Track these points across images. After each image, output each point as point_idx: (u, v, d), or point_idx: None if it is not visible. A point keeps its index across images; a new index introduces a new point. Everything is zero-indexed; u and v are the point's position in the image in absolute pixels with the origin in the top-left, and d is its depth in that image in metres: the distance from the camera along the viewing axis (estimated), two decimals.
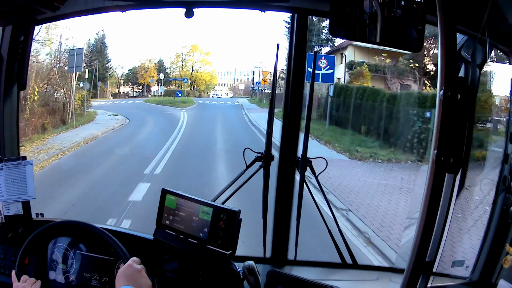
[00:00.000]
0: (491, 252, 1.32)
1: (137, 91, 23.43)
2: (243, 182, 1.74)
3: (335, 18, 1.00)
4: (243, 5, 1.65)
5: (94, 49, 20.16)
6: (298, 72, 1.64)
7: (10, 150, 1.65)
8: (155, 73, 23.69)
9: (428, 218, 0.99)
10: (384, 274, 1.65)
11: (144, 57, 26.04)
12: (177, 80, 23.08)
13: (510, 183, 1.24)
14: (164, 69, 24.11)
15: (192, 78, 24.67)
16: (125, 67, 23.87)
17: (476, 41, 1.29)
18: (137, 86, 23.54)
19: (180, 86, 23.94)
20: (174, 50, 28.46)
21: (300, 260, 1.76)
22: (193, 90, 25.01)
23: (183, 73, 24.28)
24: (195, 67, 25.05)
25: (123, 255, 1.22)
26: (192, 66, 24.89)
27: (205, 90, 25.87)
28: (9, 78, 1.59)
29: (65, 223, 1.35)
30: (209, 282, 1.31)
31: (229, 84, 27.52)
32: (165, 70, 24.13)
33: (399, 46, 1.04)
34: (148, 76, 23.26)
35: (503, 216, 1.28)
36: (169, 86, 24.31)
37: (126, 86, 23.45)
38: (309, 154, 1.69)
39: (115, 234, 1.29)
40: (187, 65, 24.81)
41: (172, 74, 24.30)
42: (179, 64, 24.48)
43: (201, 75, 25.06)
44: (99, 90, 20.66)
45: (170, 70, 24.53)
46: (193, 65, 24.88)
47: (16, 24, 1.54)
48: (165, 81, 23.89)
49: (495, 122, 4.69)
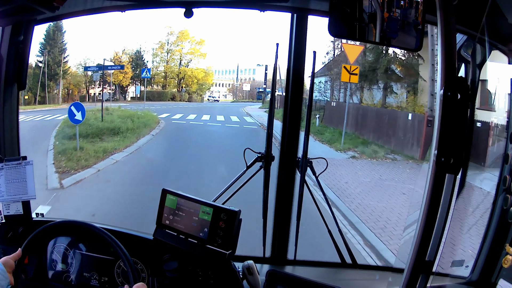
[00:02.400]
0: (491, 252, 1.32)
1: (110, 93, 16.98)
2: (243, 182, 1.74)
3: (335, 18, 1.00)
4: (243, 5, 1.65)
5: (45, 35, 15.05)
6: (298, 72, 1.64)
7: (10, 150, 1.65)
8: (129, 68, 17.51)
9: (428, 218, 0.99)
10: (384, 274, 1.65)
11: (119, 48, 18.80)
12: (114, 68, 16.00)
13: (510, 184, 1.24)
14: (143, 63, 17.90)
15: (180, 76, 18.18)
16: (96, 61, 17.11)
17: (475, 41, 1.29)
18: (110, 86, 17.20)
19: (166, 85, 18.17)
20: (158, 37, 19.91)
21: (300, 260, 1.76)
22: (180, 91, 18.41)
23: (169, 69, 17.98)
24: (184, 60, 18.26)
25: (132, 278, 1.19)
26: (180, 59, 18.14)
27: (198, 91, 19.12)
28: (8, 78, 1.59)
29: (64, 223, 1.35)
30: (209, 282, 1.31)
31: (228, 84, 21.19)
32: (145, 65, 17.88)
33: (398, 45, 1.04)
34: (119, 72, 17.00)
35: (503, 216, 1.28)
36: (150, 86, 18.39)
37: (94, 88, 17.14)
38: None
39: (115, 234, 1.29)
40: (174, 58, 18.10)
41: (155, 71, 18.20)
42: (164, 56, 18.09)
43: (192, 72, 18.30)
44: (48, 94, 15.53)
45: (153, 65, 18.21)
46: (182, 58, 18.16)
47: (16, 24, 1.54)
48: (141, 79, 17.65)
49: (495, 122, 4.69)
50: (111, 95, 16.44)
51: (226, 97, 20.89)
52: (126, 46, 18.27)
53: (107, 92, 16.29)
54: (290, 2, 1.52)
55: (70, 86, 16.56)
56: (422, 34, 1.00)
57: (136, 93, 17.68)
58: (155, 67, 18.21)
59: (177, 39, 17.85)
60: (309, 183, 1.74)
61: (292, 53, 1.63)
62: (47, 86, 15.31)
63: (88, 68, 16.00)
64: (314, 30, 1.29)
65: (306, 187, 1.71)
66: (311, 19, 1.61)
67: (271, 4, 1.55)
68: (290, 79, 1.65)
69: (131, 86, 17.91)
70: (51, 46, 15.20)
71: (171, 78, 18.37)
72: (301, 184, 1.70)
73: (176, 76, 18.18)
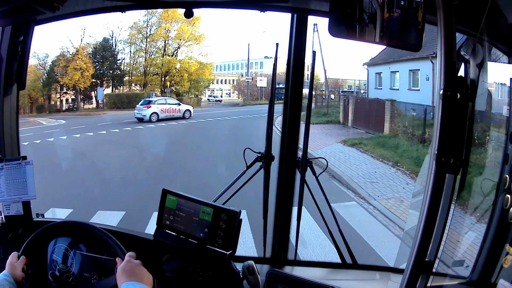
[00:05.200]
0: (491, 252, 1.32)
1: (69, 99, 12.00)
2: (243, 182, 1.74)
3: (335, 18, 1.00)
4: (243, 5, 1.65)
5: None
6: (298, 72, 1.64)
7: (10, 150, 1.65)
8: (90, 64, 11.75)
9: (428, 218, 0.99)
10: (384, 274, 1.65)
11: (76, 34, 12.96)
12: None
13: (510, 184, 1.24)
14: (113, 55, 12.37)
15: (163, 69, 12.17)
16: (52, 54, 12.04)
17: (476, 41, 1.29)
18: (65, 90, 11.77)
19: (144, 85, 12.69)
20: (134, 17, 13.49)
21: (300, 260, 1.76)
22: (164, 91, 12.52)
23: (150, 62, 12.31)
24: (170, 47, 12.36)
25: (120, 252, 1.22)
26: (165, 47, 12.31)
27: (191, 90, 13.23)
28: (8, 78, 1.59)
29: (65, 223, 1.35)
30: (209, 282, 1.31)
31: (233, 80, 16.17)
32: (114, 57, 12.29)
33: (398, 45, 1.04)
34: (72, 69, 11.10)
35: (503, 216, 1.28)
36: (121, 86, 12.67)
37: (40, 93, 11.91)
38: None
39: (115, 234, 1.29)
40: (156, 45, 12.06)
41: (132, 66, 12.42)
42: (143, 44, 11.96)
43: (183, 64, 12.46)
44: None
45: (130, 57, 12.35)
46: (167, 44, 12.26)
47: (15, 24, 1.54)
48: (114, 77, 11.98)
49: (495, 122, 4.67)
50: (74, 101, 12.15)
51: (230, 96, 15.96)
52: (88, 31, 12.36)
53: (63, 98, 12.09)
54: (290, 2, 1.52)
55: (31, 92, 12.21)
56: (422, 34, 1.00)
57: (98, 98, 12.52)
58: (133, 60, 12.50)
59: (160, 17, 12.20)
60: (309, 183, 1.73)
61: (292, 53, 1.63)
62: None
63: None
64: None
65: (306, 187, 1.71)
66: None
67: (271, 4, 1.55)
68: (290, 79, 1.64)
69: (101, 88, 12.72)
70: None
71: (154, 75, 12.77)
72: (301, 184, 1.69)
73: (160, 69, 12.30)
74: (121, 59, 12.51)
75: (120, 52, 12.69)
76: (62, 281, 1.40)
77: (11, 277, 1.23)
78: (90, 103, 12.86)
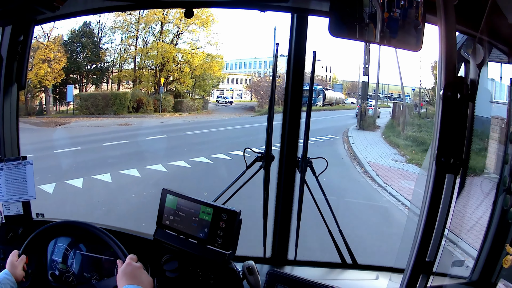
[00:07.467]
0: (491, 252, 1.32)
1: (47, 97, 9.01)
2: (243, 182, 1.74)
3: (335, 18, 1.00)
4: (243, 5, 1.65)
5: None
6: (298, 72, 1.64)
7: (10, 150, 1.65)
8: (62, 53, 8.85)
9: (428, 218, 0.99)
10: (384, 274, 1.65)
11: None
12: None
13: (510, 184, 1.24)
14: (93, 42, 9.36)
15: (157, 61, 9.49)
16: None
17: (476, 41, 1.29)
18: (33, 91, 8.91)
19: (137, 81, 9.73)
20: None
21: (300, 260, 1.75)
22: (158, 91, 9.84)
23: (141, 53, 9.40)
24: (168, 33, 9.52)
25: (121, 254, 1.22)
26: (161, 32, 9.46)
27: (196, 90, 10.53)
28: (8, 78, 1.59)
29: (65, 223, 1.35)
30: (209, 282, 1.31)
31: (245, 80, 13.49)
32: (95, 44, 9.32)
33: (398, 45, 1.04)
34: (39, 61, 8.39)
35: (503, 216, 1.28)
36: (106, 83, 9.63)
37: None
38: None
39: (115, 234, 1.29)
40: (149, 30, 9.29)
41: (119, 57, 9.51)
42: (133, 30, 9.14)
43: (186, 56, 9.69)
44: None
45: (115, 47, 9.31)
46: (164, 30, 9.45)
47: (15, 24, 1.54)
48: (95, 72, 9.06)
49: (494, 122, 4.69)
50: (46, 101, 9.45)
51: (241, 97, 13.48)
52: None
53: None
54: (290, 2, 1.51)
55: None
56: (422, 34, 1.00)
57: (69, 99, 9.75)
58: (119, 50, 9.64)
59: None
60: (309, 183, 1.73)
61: (292, 53, 1.63)
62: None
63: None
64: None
65: (306, 187, 1.71)
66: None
67: (271, 4, 1.55)
68: (290, 79, 1.64)
69: (71, 86, 9.52)
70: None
71: (150, 69, 10.20)
72: (301, 184, 1.69)
73: (154, 61, 9.49)
74: (105, 49, 9.73)
75: (107, 42, 10.01)
76: (62, 281, 1.40)
77: (12, 276, 1.23)
78: (67, 104, 9.93)
